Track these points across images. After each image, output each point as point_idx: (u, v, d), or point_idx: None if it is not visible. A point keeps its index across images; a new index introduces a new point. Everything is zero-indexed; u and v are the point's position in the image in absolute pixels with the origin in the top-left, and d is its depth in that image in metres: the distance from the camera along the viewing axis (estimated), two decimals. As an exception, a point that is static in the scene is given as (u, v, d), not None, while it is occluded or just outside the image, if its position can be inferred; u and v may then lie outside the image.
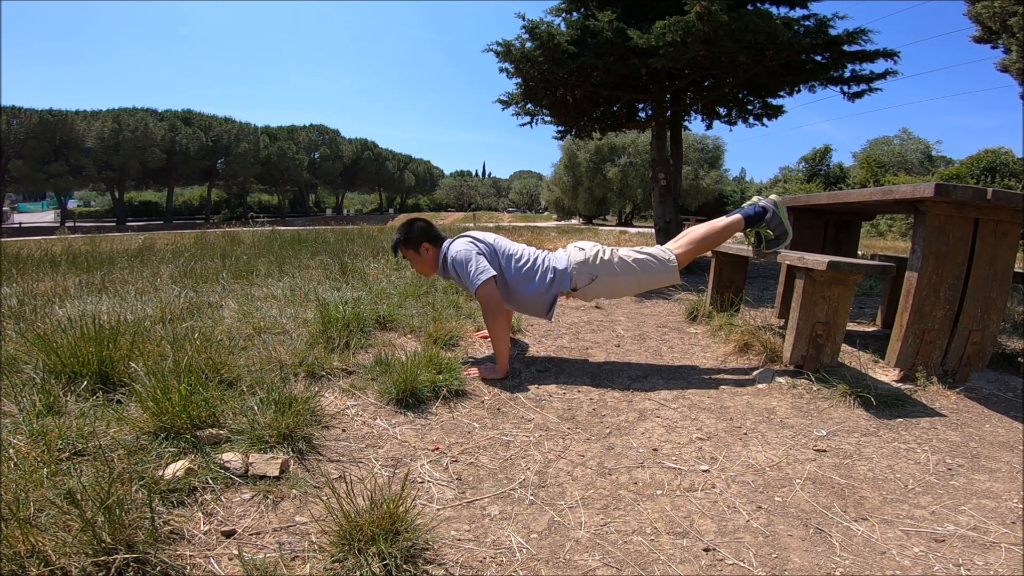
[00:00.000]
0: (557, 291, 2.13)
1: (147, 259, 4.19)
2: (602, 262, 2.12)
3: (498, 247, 2.14)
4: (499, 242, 2.17)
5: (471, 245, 2.08)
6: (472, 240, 2.12)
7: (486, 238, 2.17)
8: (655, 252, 2.16)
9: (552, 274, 2.10)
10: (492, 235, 2.23)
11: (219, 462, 1.17)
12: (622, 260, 2.13)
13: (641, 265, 2.13)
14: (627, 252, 2.15)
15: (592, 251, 2.15)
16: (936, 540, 1.11)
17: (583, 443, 1.53)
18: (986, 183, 17.13)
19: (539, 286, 2.09)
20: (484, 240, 2.14)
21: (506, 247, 2.16)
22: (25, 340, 1.62)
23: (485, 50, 5.09)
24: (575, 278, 2.12)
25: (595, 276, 2.12)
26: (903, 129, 35.57)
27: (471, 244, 2.09)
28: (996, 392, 2.03)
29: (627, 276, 2.13)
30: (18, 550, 0.81)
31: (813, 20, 4.76)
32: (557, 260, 2.14)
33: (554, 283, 2.10)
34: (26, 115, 29.99)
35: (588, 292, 2.15)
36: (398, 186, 61.52)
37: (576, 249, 2.18)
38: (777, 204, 2.31)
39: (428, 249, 2.14)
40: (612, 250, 2.16)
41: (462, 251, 2.04)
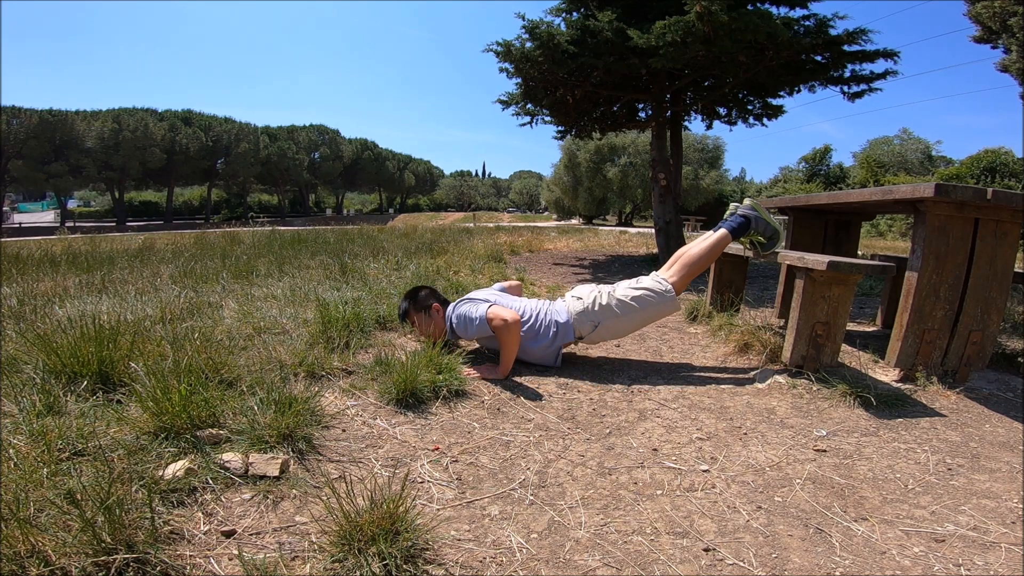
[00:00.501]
0: (562, 343, 2.15)
1: (147, 259, 4.19)
2: (601, 308, 2.13)
3: (500, 303, 2.15)
4: (500, 298, 2.20)
5: (466, 301, 2.16)
6: (468, 297, 2.21)
7: (486, 294, 2.24)
8: (651, 285, 2.16)
9: (555, 328, 2.12)
10: (493, 292, 2.29)
11: (219, 462, 1.17)
12: (620, 301, 2.13)
13: (640, 302, 2.13)
14: (624, 291, 2.15)
15: (590, 298, 2.16)
16: (936, 540, 1.11)
17: (583, 443, 1.53)
18: (986, 183, 17.13)
19: (543, 341, 2.12)
20: (483, 296, 2.21)
21: (509, 304, 2.18)
22: (25, 340, 1.62)
23: (485, 50, 5.09)
24: (578, 328, 2.14)
25: (597, 323, 2.14)
26: (903, 129, 35.59)
27: (466, 300, 2.17)
28: (996, 392, 2.03)
29: (628, 316, 2.14)
30: (18, 550, 0.81)
31: (813, 20, 4.76)
32: (558, 313, 2.15)
33: (558, 336, 2.12)
34: (26, 115, 30.00)
35: (594, 338, 2.19)
36: (398, 186, 61.53)
37: (574, 299, 2.20)
38: (756, 208, 2.32)
39: (438, 309, 2.21)
40: (609, 292, 2.16)
41: (460, 308, 2.11)
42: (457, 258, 4.91)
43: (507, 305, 2.14)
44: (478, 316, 2.01)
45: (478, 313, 2.01)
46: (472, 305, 2.08)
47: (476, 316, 2.02)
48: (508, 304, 2.16)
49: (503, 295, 2.26)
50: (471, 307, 2.07)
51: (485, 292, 2.27)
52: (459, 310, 2.11)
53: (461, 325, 2.09)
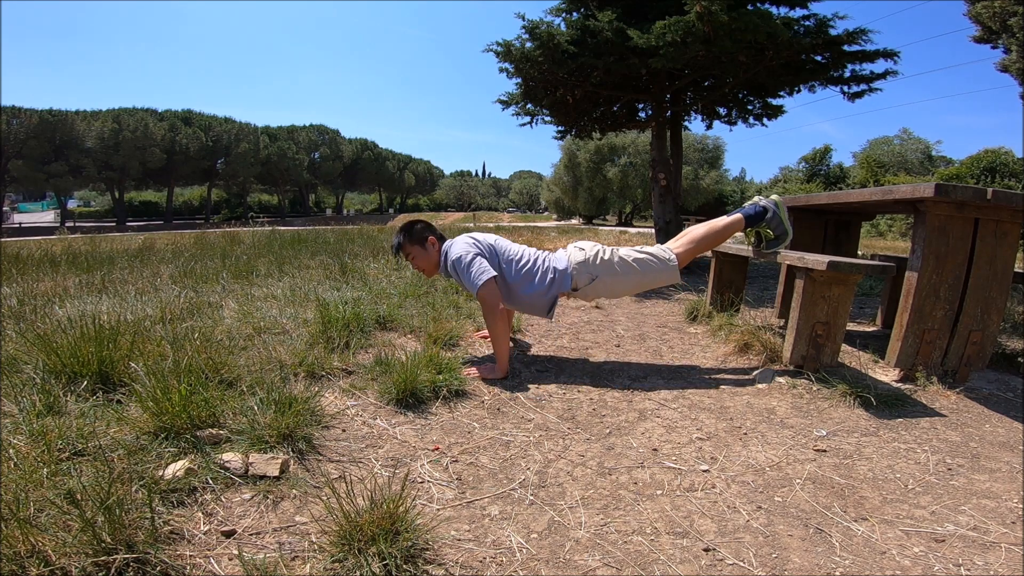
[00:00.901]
0: (558, 291, 2.13)
1: (147, 259, 4.19)
2: (602, 262, 2.12)
3: (498, 248, 2.14)
4: (499, 243, 2.17)
5: (471, 246, 2.08)
6: (472, 240, 2.12)
7: (486, 239, 2.16)
8: (655, 251, 2.16)
9: (552, 274, 2.10)
10: (492, 236, 2.23)
11: (219, 462, 1.17)
12: (622, 260, 2.12)
13: (641, 264, 2.13)
14: (627, 252, 2.15)
15: (592, 251, 2.15)
16: (936, 540, 1.11)
17: (583, 443, 1.53)
18: (986, 183, 17.13)
19: (539, 287, 2.09)
20: (484, 241, 2.14)
21: (506, 248, 2.16)
22: (25, 340, 1.62)
23: (485, 50, 5.09)
24: (575, 278, 2.12)
25: (595, 276, 2.12)
26: (903, 129, 35.58)
27: (471, 244, 2.09)
28: (996, 392, 2.03)
29: (627, 276, 2.13)
30: (18, 550, 0.81)
31: (813, 20, 4.76)
32: (557, 260, 2.14)
33: (554, 284, 2.10)
34: (26, 115, 29.99)
35: (588, 292, 2.15)
36: (398, 186, 61.52)
37: (576, 249, 2.18)
38: (778, 204, 2.31)
39: (434, 243, 2.16)
40: (612, 250, 2.16)
41: (462, 251, 2.04)
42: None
43: (505, 248, 2.12)
44: (474, 279, 1.97)
45: (475, 275, 1.97)
46: (473, 258, 2.01)
47: (473, 276, 1.97)
48: (507, 248, 2.14)
49: (502, 240, 2.21)
50: (472, 261, 2.00)
51: (488, 238, 2.19)
52: (458, 254, 2.04)
53: (454, 270, 2.05)
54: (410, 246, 2.15)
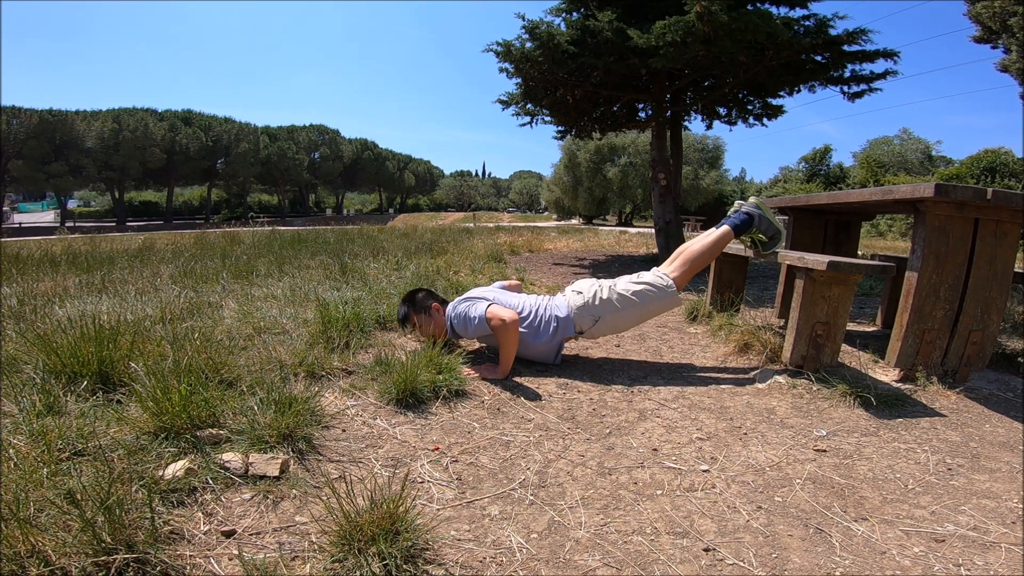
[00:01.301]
0: (563, 338, 2.15)
1: (147, 259, 4.19)
2: (602, 302, 2.13)
3: (499, 302, 2.14)
4: (499, 296, 2.19)
5: (463, 300, 2.17)
6: (467, 295, 2.21)
7: (485, 292, 2.23)
8: (652, 280, 2.16)
9: (555, 323, 2.12)
10: (492, 290, 2.27)
11: (219, 462, 1.17)
12: (621, 296, 2.13)
13: (641, 296, 2.13)
14: (625, 286, 2.15)
15: (590, 292, 2.16)
16: (936, 540, 1.11)
17: (583, 443, 1.53)
18: (986, 183, 17.12)
19: (544, 336, 2.11)
20: (482, 294, 2.20)
21: (506, 301, 2.17)
22: (25, 340, 1.62)
23: (485, 50, 5.09)
24: (578, 323, 2.14)
25: (598, 317, 2.13)
26: (903, 129, 35.58)
27: (464, 299, 2.18)
28: (996, 392, 2.03)
29: (629, 310, 2.14)
30: (18, 550, 0.81)
31: (813, 20, 4.76)
32: (558, 308, 2.15)
33: (558, 331, 2.12)
34: (26, 115, 30.00)
35: (594, 333, 2.19)
36: (398, 186, 61.53)
37: (574, 293, 2.20)
38: (760, 206, 2.32)
39: (438, 309, 2.22)
40: (610, 287, 2.16)
41: (459, 308, 2.12)
42: (457, 258, 4.91)
43: (506, 303, 2.14)
44: (477, 315, 2.01)
45: (477, 312, 2.01)
46: (471, 304, 2.08)
47: (475, 315, 2.02)
48: (507, 302, 2.16)
49: (502, 292, 2.25)
50: (470, 306, 2.07)
51: (484, 290, 2.27)
52: (459, 309, 2.11)
53: (461, 324, 2.09)
54: (416, 316, 2.22)
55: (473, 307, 2.05)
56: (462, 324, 2.08)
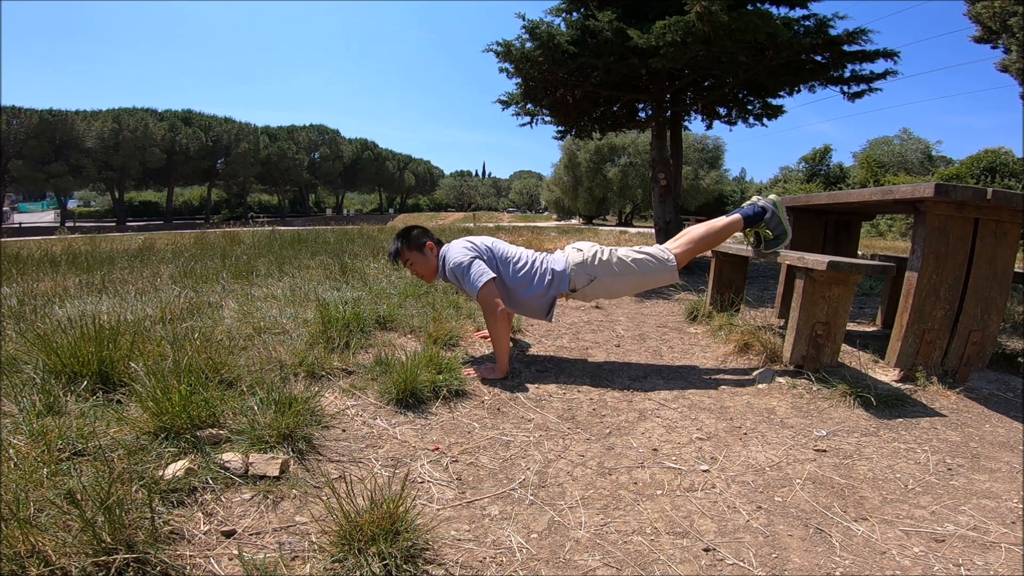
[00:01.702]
0: (556, 292, 2.13)
1: (147, 259, 4.19)
2: (600, 263, 2.12)
3: (496, 250, 2.14)
4: (497, 245, 2.17)
5: (469, 249, 2.08)
6: (470, 244, 2.12)
7: (484, 241, 2.17)
8: (654, 252, 2.16)
9: (550, 276, 2.10)
10: (490, 238, 2.23)
11: (219, 462, 1.17)
12: (621, 260, 2.12)
13: (640, 265, 2.13)
14: (626, 252, 2.15)
15: (590, 252, 2.14)
16: (936, 540, 1.11)
17: (583, 443, 1.53)
18: (986, 183, 17.12)
19: (538, 288, 2.09)
20: (482, 243, 2.14)
21: (504, 250, 2.16)
22: (25, 340, 1.62)
23: (485, 50, 5.09)
24: (573, 279, 2.12)
25: (594, 277, 2.11)
26: (903, 129, 35.57)
27: (469, 248, 2.09)
28: (996, 392, 2.03)
29: (626, 276, 2.13)
30: (18, 550, 0.81)
31: (813, 20, 4.76)
32: (555, 262, 2.14)
33: (553, 285, 2.10)
34: (26, 115, 30.00)
35: (587, 293, 2.15)
36: (398, 186, 61.53)
37: (574, 250, 2.18)
38: (776, 204, 2.31)
39: (432, 248, 2.16)
40: (611, 250, 2.15)
41: (461, 255, 2.04)
42: (457, 258, 4.90)
43: (503, 250, 2.11)
44: (473, 282, 1.97)
45: (474, 278, 1.97)
46: (471, 262, 2.01)
47: (472, 280, 1.97)
48: (505, 250, 2.13)
49: (501, 242, 2.22)
50: (470, 264, 2.00)
51: (486, 241, 2.18)
52: (456, 258, 2.04)
53: (453, 275, 2.05)
54: (408, 252, 2.15)
55: (472, 267, 1.99)
56: (454, 276, 2.04)
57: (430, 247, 2.16)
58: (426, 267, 2.15)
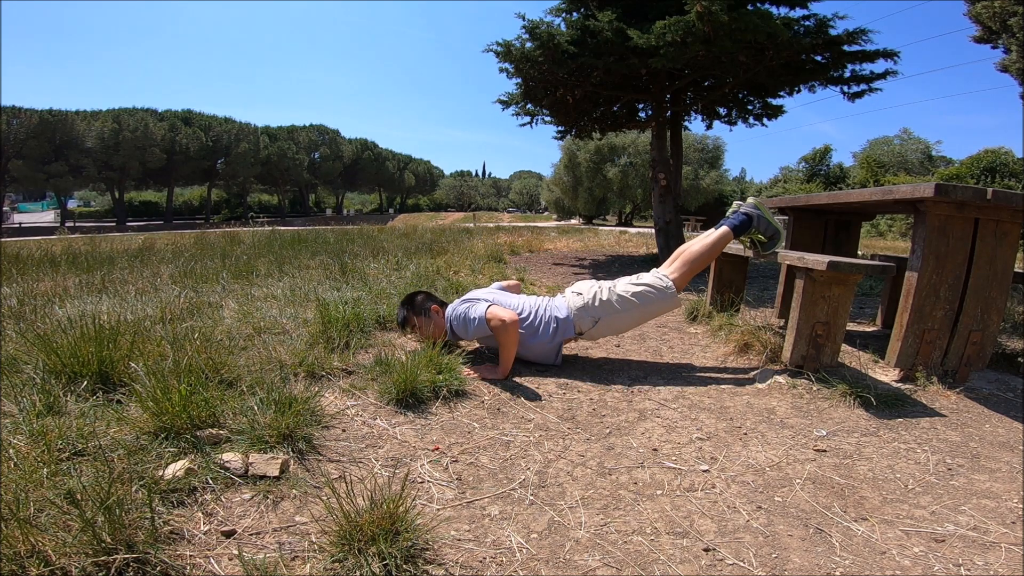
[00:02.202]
0: (562, 339, 2.15)
1: (147, 259, 4.19)
2: (601, 303, 2.13)
3: (498, 302, 2.14)
4: (499, 297, 2.19)
5: (463, 301, 2.16)
6: (466, 297, 2.21)
7: (484, 293, 2.23)
8: (652, 281, 2.17)
9: (555, 324, 2.12)
10: (491, 291, 2.28)
11: (219, 462, 1.17)
12: (621, 297, 2.14)
13: (640, 298, 2.14)
14: (624, 287, 2.16)
15: (590, 294, 2.16)
16: (936, 540, 1.11)
17: (583, 443, 1.53)
18: (986, 183, 17.12)
19: (544, 337, 2.11)
20: (482, 295, 2.20)
21: (507, 302, 2.17)
22: (25, 340, 1.62)
23: (485, 50, 5.09)
24: (578, 324, 2.14)
25: (598, 318, 2.14)
26: (903, 129, 35.57)
27: (463, 300, 2.17)
28: (996, 392, 2.03)
29: (629, 312, 2.14)
30: (18, 550, 0.81)
31: (813, 20, 4.76)
32: (557, 309, 2.16)
33: (558, 332, 2.13)
34: (26, 115, 30.00)
35: (593, 334, 2.19)
36: (398, 186, 61.54)
37: (574, 295, 2.21)
38: (759, 207, 2.32)
39: (437, 311, 2.21)
40: (609, 288, 2.16)
41: (459, 309, 2.11)
42: (457, 258, 4.91)
43: (505, 304, 2.14)
44: (477, 316, 2.01)
45: (477, 313, 2.01)
46: (471, 305, 2.08)
47: (475, 316, 2.02)
48: (507, 303, 2.16)
49: (501, 293, 2.26)
50: (470, 307, 2.07)
51: (484, 291, 2.27)
52: (458, 311, 2.11)
53: (460, 325, 2.09)
54: (415, 318, 2.21)
55: (473, 308, 2.05)
56: (461, 325, 2.08)
57: (435, 310, 2.21)
58: (435, 328, 2.18)
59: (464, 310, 2.08)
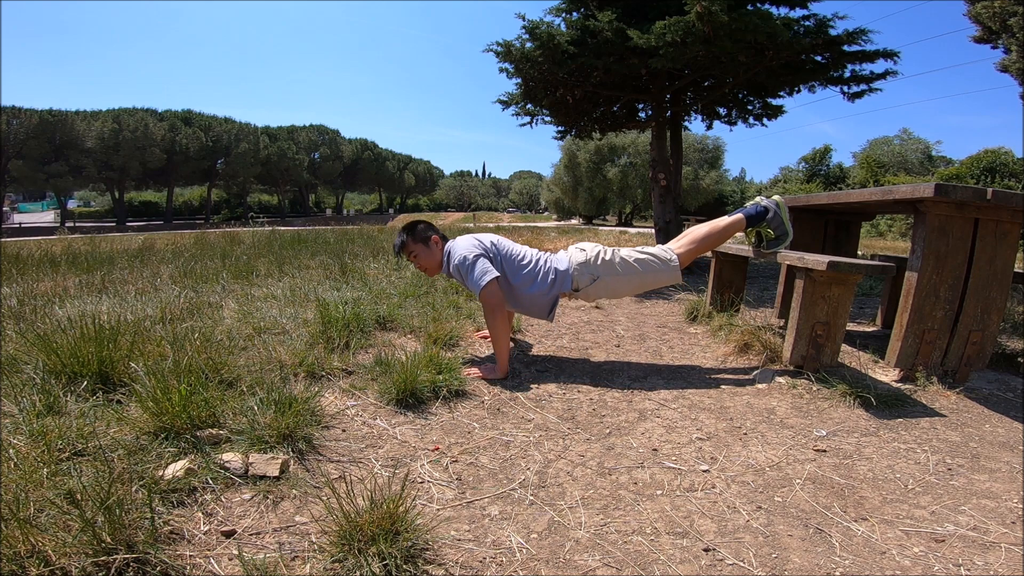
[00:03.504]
0: (559, 292, 2.13)
1: (147, 259, 4.19)
2: (603, 262, 2.12)
3: (500, 247, 2.14)
4: (501, 243, 2.17)
5: (474, 247, 2.08)
6: (475, 241, 2.12)
7: (488, 238, 2.17)
8: (657, 252, 2.16)
9: (554, 275, 2.11)
10: (494, 236, 2.23)
11: (219, 462, 1.17)
12: (623, 260, 2.13)
13: (643, 265, 2.13)
14: (628, 252, 2.15)
15: (593, 252, 2.15)
16: (936, 540, 1.11)
17: (583, 443, 1.53)
18: (986, 183, 17.12)
19: (541, 287, 2.10)
20: (486, 240, 2.14)
21: (508, 248, 2.16)
22: (25, 340, 1.62)
23: (485, 50, 5.09)
24: (576, 279, 2.12)
25: (596, 276, 2.12)
26: (903, 129, 35.59)
27: (474, 245, 2.09)
28: (996, 392, 2.03)
29: (629, 276, 2.13)
30: (18, 550, 0.81)
31: (813, 20, 4.76)
32: (558, 261, 2.14)
33: (555, 284, 2.11)
34: (26, 115, 30.01)
35: (590, 292, 2.15)
36: (398, 186, 61.56)
37: (577, 250, 2.18)
38: (779, 204, 2.31)
39: (437, 241, 2.17)
40: (613, 250, 2.16)
41: (466, 252, 2.04)
42: (457, 258, 4.90)
43: (508, 249, 2.12)
44: (477, 280, 1.97)
45: (478, 276, 1.98)
46: (476, 259, 2.02)
47: (476, 277, 1.98)
48: (508, 248, 2.14)
49: (504, 240, 2.21)
50: (475, 261, 2.01)
51: (491, 238, 2.19)
52: (461, 253, 2.05)
53: (457, 271, 2.06)
54: (413, 244, 2.15)
55: (477, 265, 2.00)
56: (458, 270, 2.05)
57: (435, 241, 2.16)
58: (430, 260, 2.15)
59: (467, 258, 2.02)
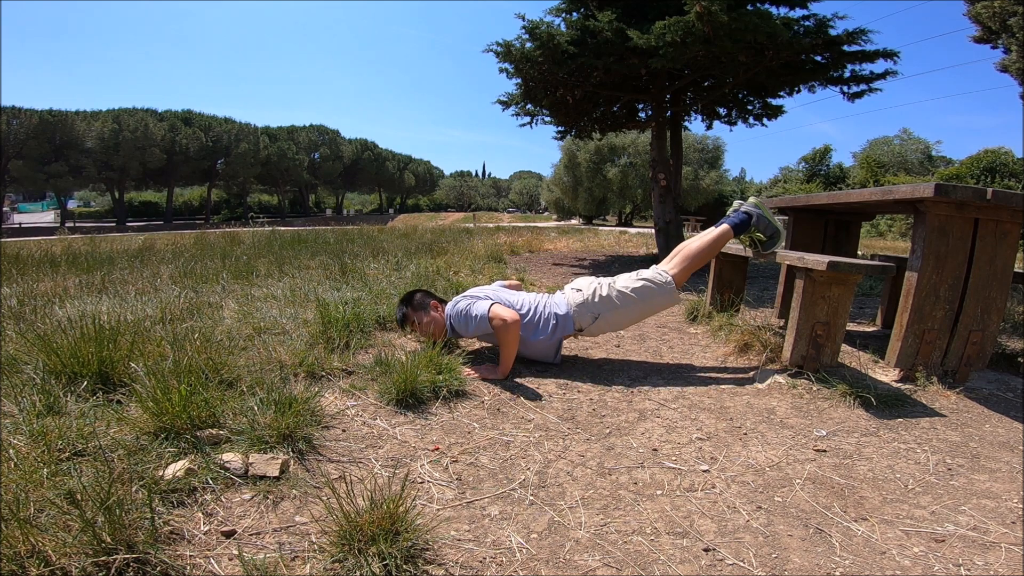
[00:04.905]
0: (562, 336, 2.15)
1: (147, 259, 4.19)
2: (601, 299, 2.13)
3: (499, 299, 2.14)
4: (499, 294, 2.20)
5: (465, 298, 2.16)
6: (467, 294, 2.21)
7: (485, 291, 2.23)
8: (651, 277, 2.17)
9: (555, 320, 2.12)
10: (491, 287, 2.28)
11: (219, 462, 1.17)
12: (621, 292, 2.14)
13: (640, 293, 2.14)
14: (624, 283, 2.16)
15: (589, 289, 2.16)
16: (936, 540, 1.11)
17: (583, 443, 1.53)
18: (986, 183, 17.12)
19: (543, 333, 2.11)
20: (483, 292, 2.20)
21: (507, 299, 2.17)
22: (25, 340, 1.62)
23: (485, 50, 5.09)
24: (577, 320, 2.14)
25: (597, 314, 2.14)
26: (903, 129, 35.60)
27: (465, 296, 2.17)
28: (996, 392, 2.03)
29: (628, 307, 2.14)
30: (18, 550, 0.81)
31: (813, 20, 4.76)
32: (557, 305, 2.16)
33: (558, 328, 2.12)
34: (26, 115, 30.02)
35: (594, 330, 2.19)
36: (398, 186, 61.58)
37: (573, 291, 2.21)
38: (759, 206, 2.33)
39: (437, 307, 2.22)
40: (609, 284, 2.17)
41: (460, 305, 2.11)
42: (457, 258, 4.91)
43: (506, 301, 2.13)
44: (479, 314, 2.01)
45: (479, 311, 2.01)
46: (472, 302, 2.08)
47: (477, 314, 2.01)
48: (507, 300, 2.16)
49: (502, 291, 2.25)
50: (471, 304, 2.07)
51: (484, 289, 2.27)
52: (459, 307, 2.10)
53: (461, 322, 2.09)
54: (415, 314, 2.21)
55: (474, 305, 2.05)
56: (462, 322, 2.08)
57: (434, 306, 2.22)
58: (435, 325, 2.18)
59: (465, 307, 2.08)
